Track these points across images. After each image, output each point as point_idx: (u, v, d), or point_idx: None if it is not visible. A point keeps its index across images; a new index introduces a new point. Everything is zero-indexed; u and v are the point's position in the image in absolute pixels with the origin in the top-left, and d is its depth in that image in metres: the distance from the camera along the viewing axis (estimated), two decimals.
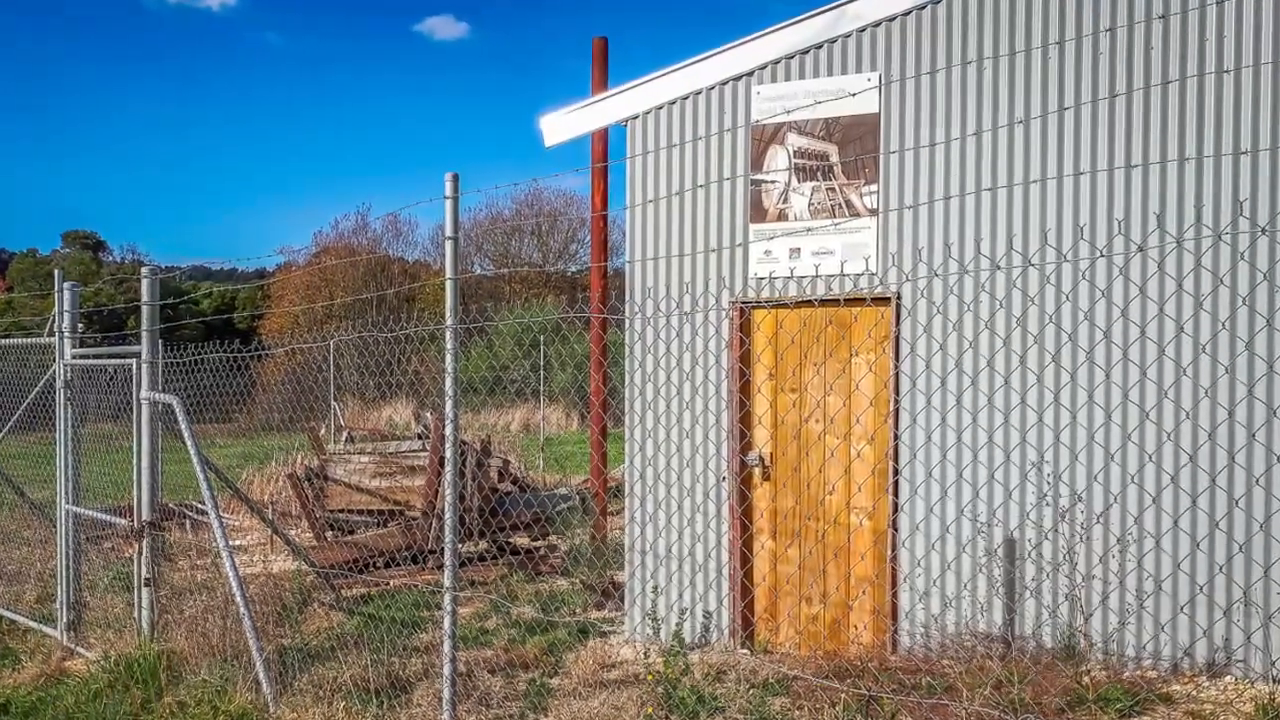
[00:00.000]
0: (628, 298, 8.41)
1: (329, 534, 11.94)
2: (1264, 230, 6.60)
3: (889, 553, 7.56)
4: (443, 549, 7.78)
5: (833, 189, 7.70)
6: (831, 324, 7.73)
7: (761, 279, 7.92)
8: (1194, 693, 6.52)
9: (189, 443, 7.18)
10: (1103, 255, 6.94)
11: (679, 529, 8.21)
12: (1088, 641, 6.99)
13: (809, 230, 7.74)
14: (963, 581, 7.35)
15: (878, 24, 7.55)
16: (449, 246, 5.74)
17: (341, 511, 11.98)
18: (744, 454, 8.00)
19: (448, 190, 5.71)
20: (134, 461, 7.88)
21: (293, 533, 12.84)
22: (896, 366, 7.49)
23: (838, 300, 7.55)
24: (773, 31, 7.84)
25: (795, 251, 7.78)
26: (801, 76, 7.82)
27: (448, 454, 5.89)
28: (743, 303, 7.97)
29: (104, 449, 9.18)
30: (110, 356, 8.32)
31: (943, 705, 6.04)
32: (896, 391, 7.50)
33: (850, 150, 7.64)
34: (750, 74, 7.98)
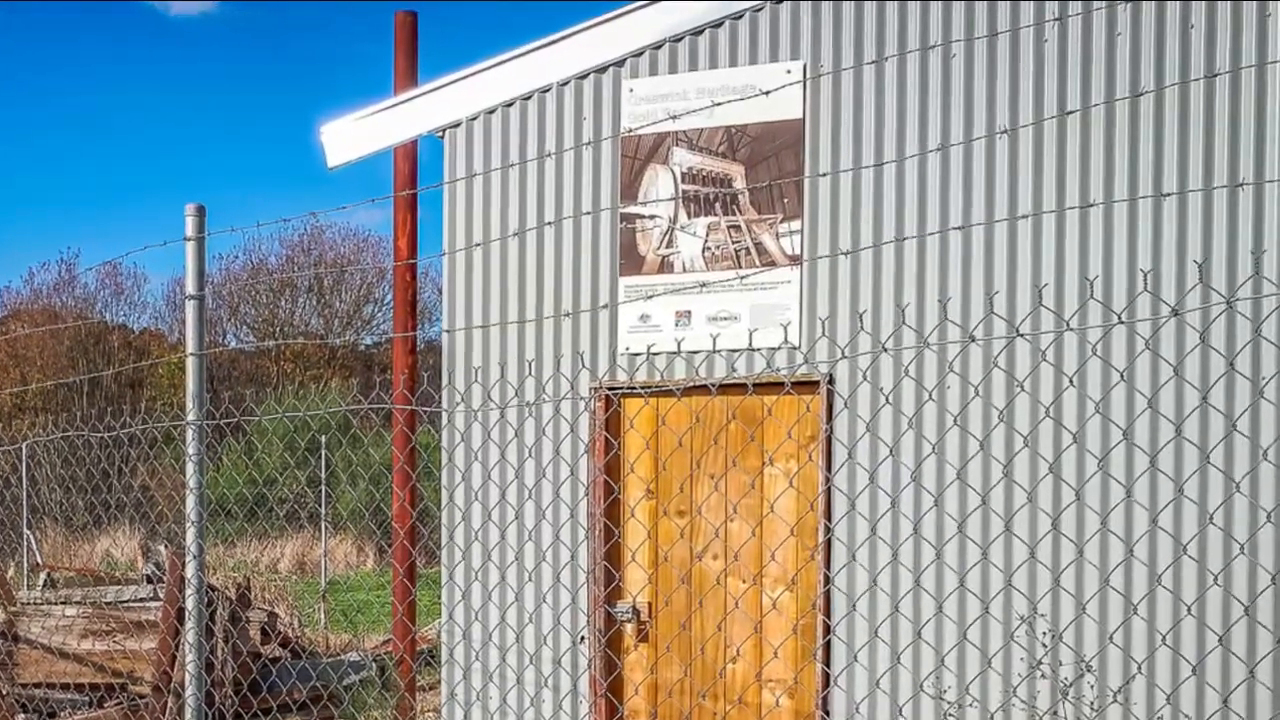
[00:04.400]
0: (445, 382, 8.45)
1: (20, 718, 11.57)
2: None
3: None
4: None
5: (737, 227, 7.76)
6: (736, 419, 7.70)
7: (636, 355, 7.94)
8: None
9: None
10: (1122, 322, 6.81)
11: (519, 712, 8.14)
12: None
13: (704, 286, 7.71)
14: None
15: None
16: (191, 309, 5.74)
17: (39, 686, 11.76)
18: (611, 604, 8.00)
19: (189, 229, 5.68)
20: None
21: None
22: (829, 480, 7.44)
23: (745, 385, 7.30)
24: (652, 3, 7.87)
25: (684, 316, 7.84)
26: (693, 68, 7.86)
27: (189, 604, 5.88)
28: (610, 388, 7.96)
29: None
30: None
31: None
32: (828, 515, 7.45)
33: (762, 172, 7.66)
34: (620, 64, 8.03)
